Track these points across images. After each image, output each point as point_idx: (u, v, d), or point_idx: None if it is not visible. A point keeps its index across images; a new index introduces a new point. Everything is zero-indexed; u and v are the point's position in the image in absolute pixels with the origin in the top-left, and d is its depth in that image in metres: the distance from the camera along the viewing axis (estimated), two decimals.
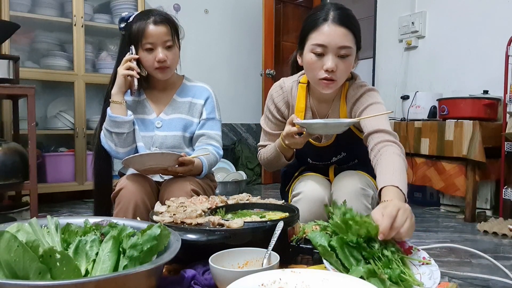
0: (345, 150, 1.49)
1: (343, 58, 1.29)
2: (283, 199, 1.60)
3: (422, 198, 3.36)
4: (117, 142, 1.54)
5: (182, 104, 1.64)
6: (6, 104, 2.93)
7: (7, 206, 2.61)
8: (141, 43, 1.52)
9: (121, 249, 0.78)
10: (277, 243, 0.91)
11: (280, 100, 1.50)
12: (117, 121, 1.51)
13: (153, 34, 1.51)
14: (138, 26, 1.51)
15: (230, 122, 4.46)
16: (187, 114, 1.63)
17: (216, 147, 1.63)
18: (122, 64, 1.52)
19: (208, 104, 1.65)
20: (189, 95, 1.65)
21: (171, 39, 1.55)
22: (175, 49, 1.57)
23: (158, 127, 1.60)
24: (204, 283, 0.87)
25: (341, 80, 1.34)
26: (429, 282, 0.86)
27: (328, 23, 1.28)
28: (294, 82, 1.51)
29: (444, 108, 2.92)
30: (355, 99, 1.41)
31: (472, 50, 3.23)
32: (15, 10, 3.02)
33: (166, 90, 1.65)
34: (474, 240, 2.35)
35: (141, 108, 1.63)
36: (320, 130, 1.30)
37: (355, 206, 1.31)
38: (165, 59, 1.52)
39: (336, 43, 1.27)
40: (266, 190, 4.04)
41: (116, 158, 1.59)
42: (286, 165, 1.52)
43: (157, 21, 1.52)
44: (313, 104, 1.49)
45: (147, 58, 1.53)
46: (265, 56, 4.28)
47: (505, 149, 2.73)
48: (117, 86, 1.52)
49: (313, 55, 1.30)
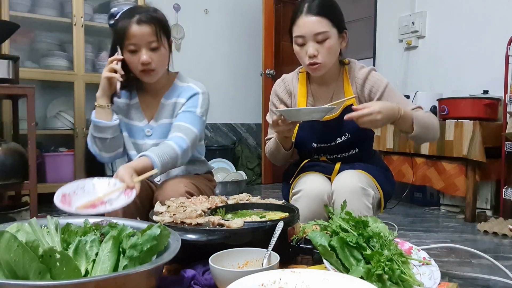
0: (349, 131, 1.50)
1: (322, 42, 1.41)
2: (284, 193, 1.61)
3: (422, 198, 3.36)
4: (101, 147, 1.48)
5: (167, 107, 1.53)
6: (6, 104, 2.93)
7: (6, 206, 2.60)
8: (124, 44, 1.41)
9: (121, 249, 0.78)
10: (277, 243, 0.91)
11: (282, 91, 1.60)
12: (100, 126, 1.44)
13: (136, 34, 1.39)
14: (121, 26, 1.41)
15: (230, 122, 4.46)
16: (171, 117, 1.52)
17: (179, 138, 1.42)
18: (106, 65, 1.44)
19: (190, 100, 1.51)
20: (174, 95, 1.53)
21: (157, 39, 1.41)
22: (161, 51, 1.44)
23: (148, 135, 1.53)
24: (204, 283, 0.87)
25: (326, 61, 1.43)
26: (429, 282, 0.86)
27: (302, 15, 1.41)
28: (294, 73, 1.62)
29: (444, 108, 2.92)
30: (363, 79, 1.50)
31: (472, 50, 3.23)
32: (15, 10, 3.02)
33: (157, 93, 1.55)
34: (474, 240, 2.35)
35: (133, 113, 1.55)
36: (295, 117, 1.35)
37: (356, 205, 1.32)
38: (149, 61, 1.41)
39: (311, 31, 1.39)
40: (266, 190, 4.04)
41: (102, 162, 1.56)
42: (287, 157, 1.56)
43: (141, 21, 1.39)
44: (314, 89, 1.57)
45: (131, 60, 1.43)
46: (265, 56, 4.29)
47: (505, 149, 2.73)
48: (101, 89, 1.45)
49: (296, 46, 1.45)
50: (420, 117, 1.37)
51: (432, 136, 1.45)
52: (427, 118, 1.41)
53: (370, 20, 4.02)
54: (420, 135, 1.38)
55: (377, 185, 1.46)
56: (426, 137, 1.44)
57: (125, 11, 1.45)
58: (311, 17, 1.39)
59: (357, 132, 1.50)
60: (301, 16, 1.41)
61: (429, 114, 1.45)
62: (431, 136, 1.45)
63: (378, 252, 0.82)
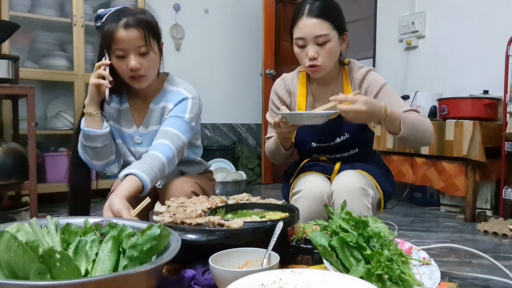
0: (349, 131, 1.50)
1: (323, 45, 1.41)
2: (285, 193, 1.61)
3: (422, 198, 3.36)
4: (92, 156, 1.43)
5: (155, 113, 1.47)
6: (6, 104, 2.93)
7: (6, 206, 2.60)
8: (111, 49, 1.34)
9: (121, 249, 0.78)
10: (277, 243, 0.91)
11: (282, 90, 1.61)
12: (90, 135, 1.39)
13: (124, 39, 1.31)
14: (107, 30, 1.33)
15: (230, 122, 4.46)
16: (159, 123, 1.45)
17: (165, 146, 1.34)
18: (93, 71, 1.38)
19: (179, 105, 1.44)
20: (162, 100, 1.46)
21: (145, 44, 1.33)
22: (151, 55, 1.36)
23: (138, 143, 1.48)
24: (204, 283, 0.87)
25: (326, 64, 1.43)
26: (429, 282, 0.86)
27: (303, 17, 1.41)
28: (294, 72, 1.63)
29: (444, 108, 2.92)
30: (361, 79, 1.50)
31: (472, 50, 3.23)
32: (15, 10, 3.02)
33: (148, 98, 1.48)
34: (474, 240, 2.35)
35: (123, 118, 1.49)
36: (297, 120, 1.35)
37: (356, 205, 1.32)
38: (138, 67, 1.33)
39: (312, 34, 1.39)
40: (266, 190, 4.04)
41: (94, 169, 1.51)
42: (287, 156, 1.56)
43: (128, 24, 1.31)
44: (314, 89, 1.58)
45: (119, 65, 1.36)
46: (265, 56, 4.28)
47: (505, 149, 2.73)
48: (89, 97, 1.39)
49: (297, 48, 1.45)
50: (410, 118, 1.33)
51: (423, 138, 1.39)
52: (417, 120, 1.36)
53: (370, 20, 4.02)
54: (408, 137, 1.33)
55: (377, 185, 1.46)
56: (415, 140, 1.38)
57: (111, 13, 1.37)
58: (312, 20, 1.39)
59: (356, 132, 1.50)
60: (302, 18, 1.40)
61: (422, 117, 1.41)
62: (421, 138, 1.38)
63: (378, 252, 0.82)
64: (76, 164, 1.50)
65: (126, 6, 1.41)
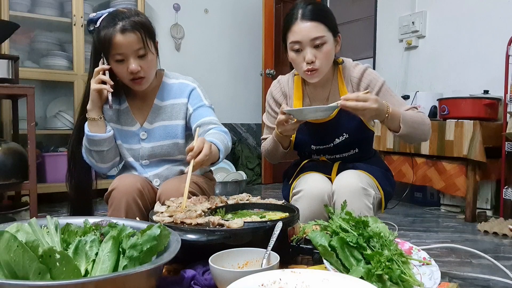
0: (347, 131, 1.50)
1: (320, 47, 1.40)
2: (285, 193, 1.61)
3: (422, 198, 3.36)
4: (98, 159, 1.46)
5: (164, 109, 1.50)
6: (6, 104, 2.93)
7: (6, 206, 2.60)
8: (110, 54, 1.35)
9: (121, 249, 0.78)
10: (277, 243, 0.91)
11: (278, 92, 1.60)
12: (95, 140, 1.41)
13: (122, 44, 1.33)
14: (104, 35, 1.33)
15: (230, 122, 4.46)
16: (170, 119, 1.49)
17: (218, 127, 1.44)
18: (94, 77, 1.39)
19: (192, 97, 1.49)
20: (170, 96, 1.50)
21: (143, 46, 1.36)
22: (149, 57, 1.39)
23: (143, 138, 1.50)
24: (204, 283, 0.87)
25: (323, 66, 1.43)
26: (429, 282, 0.86)
27: (297, 21, 1.41)
28: (290, 75, 1.62)
29: (444, 108, 2.92)
30: (359, 77, 1.50)
31: (472, 50, 3.23)
32: (14, 10, 3.03)
33: (147, 96, 1.51)
34: (474, 240, 2.35)
35: (123, 118, 1.51)
36: (303, 116, 1.35)
37: (356, 205, 1.32)
38: (138, 69, 1.36)
39: (309, 37, 1.39)
40: (266, 190, 4.04)
41: (100, 172, 1.53)
42: (285, 155, 1.56)
43: (125, 29, 1.32)
44: (309, 91, 1.57)
45: (119, 69, 1.38)
46: (265, 56, 4.29)
47: (506, 149, 2.73)
48: (91, 102, 1.40)
49: (293, 52, 1.44)
50: (408, 116, 1.37)
51: (421, 135, 1.44)
52: (415, 118, 1.40)
53: (370, 20, 4.02)
54: (408, 134, 1.38)
55: (377, 185, 1.46)
56: (415, 137, 1.43)
57: (105, 18, 1.38)
58: (307, 23, 1.39)
59: (355, 132, 1.50)
60: (296, 22, 1.40)
61: (420, 114, 1.45)
62: (420, 135, 1.44)
63: (378, 252, 0.82)
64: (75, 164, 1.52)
65: (119, 9, 1.41)
